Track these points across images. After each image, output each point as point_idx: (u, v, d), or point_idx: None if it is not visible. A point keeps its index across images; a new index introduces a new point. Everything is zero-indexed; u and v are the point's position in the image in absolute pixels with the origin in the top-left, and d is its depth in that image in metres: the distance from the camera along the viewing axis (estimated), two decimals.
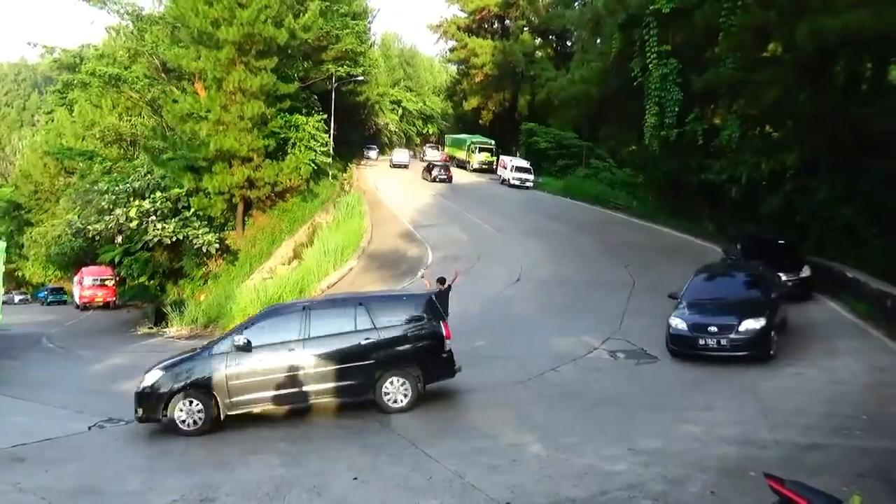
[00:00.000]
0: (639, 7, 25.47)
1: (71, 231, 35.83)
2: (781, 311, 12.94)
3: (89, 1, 40.18)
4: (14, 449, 9.71)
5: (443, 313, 11.38)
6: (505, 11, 63.52)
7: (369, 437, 9.72)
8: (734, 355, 11.88)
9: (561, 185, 43.29)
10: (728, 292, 13.41)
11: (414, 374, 10.53)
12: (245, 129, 31.69)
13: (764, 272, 13.99)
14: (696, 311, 12.72)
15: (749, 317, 11.90)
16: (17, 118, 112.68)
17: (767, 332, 11.86)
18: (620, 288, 18.95)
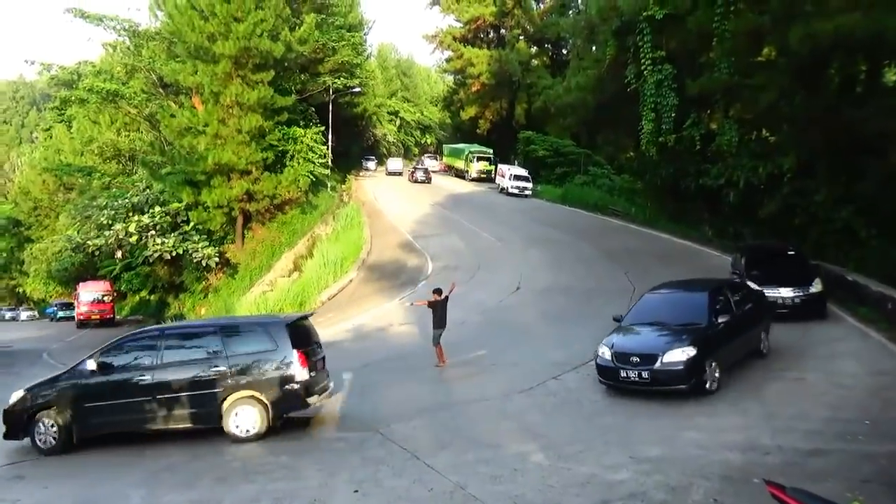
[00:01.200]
0: (632, 13, 25.66)
1: (71, 246, 35.89)
2: (743, 337, 11.66)
3: (86, 18, 40.46)
4: (12, 466, 9.67)
5: (293, 344, 10.43)
6: (500, 21, 63.82)
7: (370, 449, 9.67)
8: (655, 389, 10.54)
9: (559, 192, 43.34)
10: (670, 315, 11.56)
11: (262, 404, 10.27)
12: (243, 142, 31.79)
13: (723, 290, 12.07)
14: (626, 337, 11.43)
15: (675, 346, 10.44)
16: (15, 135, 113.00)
17: (696, 365, 10.29)
18: (621, 294, 18.89)
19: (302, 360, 10.32)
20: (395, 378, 14.05)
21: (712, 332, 10.92)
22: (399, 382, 13.65)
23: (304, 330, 11.22)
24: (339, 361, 16.16)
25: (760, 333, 12.39)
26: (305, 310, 23.25)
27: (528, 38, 64.73)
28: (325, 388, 11.07)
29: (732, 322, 11.33)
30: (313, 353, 10.98)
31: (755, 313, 12.42)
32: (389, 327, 19.46)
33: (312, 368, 10.61)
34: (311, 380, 10.45)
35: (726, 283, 12.98)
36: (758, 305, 12.75)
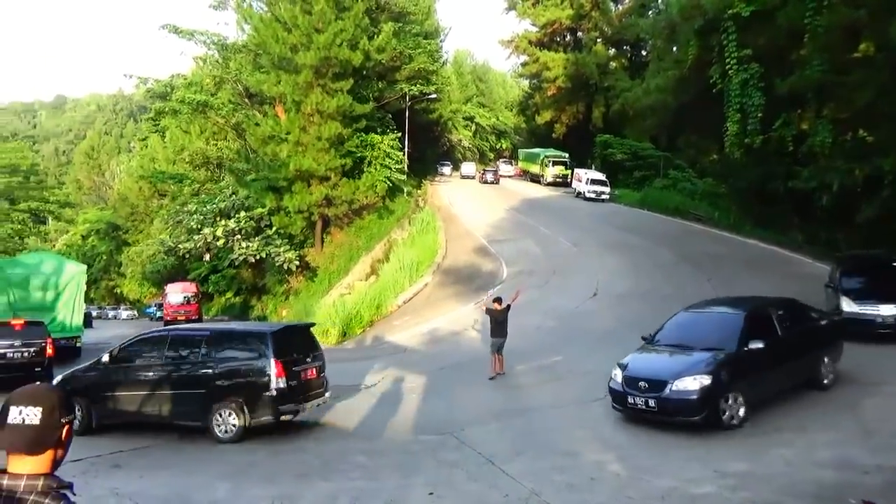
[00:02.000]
0: (716, 11, 24.77)
1: (163, 250, 37.87)
2: (790, 366, 10.39)
3: (179, 33, 42.69)
4: (112, 456, 10.26)
5: (272, 352, 10.60)
6: (577, 24, 63.01)
7: (445, 452, 9.73)
8: (665, 420, 9.67)
9: (638, 196, 42.32)
10: (699, 337, 10.55)
11: (241, 409, 10.66)
12: (323, 149, 32.70)
13: (766, 311, 10.78)
14: (641, 359, 10.64)
15: (688, 373, 9.48)
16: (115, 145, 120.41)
17: (712, 395, 9.28)
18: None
19: (279, 369, 10.53)
20: (470, 382, 14.07)
21: (739, 359, 9.73)
22: (474, 386, 13.66)
23: (295, 339, 11.60)
24: (415, 365, 16.39)
25: (820, 361, 10.90)
26: (382, 313, 23.71)
27: (606, 41, 63.63)
28: (314, 397, 11.32)
29: (773, 348, 9.99)
30: (301, 362, 11.14)
31: (811, 338, 11.02)
32: (464, 331, 19.52)
33: (294, 378, 10.78)
34: (288, 389, 10.64)
35: (775, 303, 11.34)
36: (818, 329, 11.33)
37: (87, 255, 65.41)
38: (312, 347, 11.85)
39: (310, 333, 12.40)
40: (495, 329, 14.41)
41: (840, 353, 11.41)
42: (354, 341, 21.67)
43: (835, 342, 11.40)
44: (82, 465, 9.40)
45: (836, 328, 11.78)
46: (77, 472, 9.06)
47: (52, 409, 2.29)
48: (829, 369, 11.08)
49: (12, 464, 2.25)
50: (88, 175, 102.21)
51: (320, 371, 11.66)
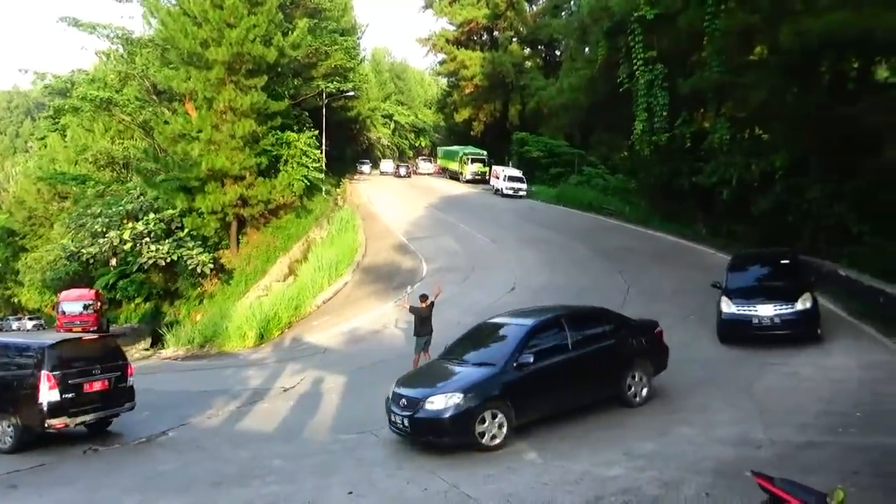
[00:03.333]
0: (623, 14, 25.76)
1: (65, 255, 35.78)
2: (581, 384, 9.78)
3: (80, 27, 40.46)
4: (8, 476, 9.64)
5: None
6: (493, 23, 63.95)
7: (365, 450, 9.70)
8: (418, 440, 9.43)
9: (554, 193, 43.40)
10: (477, 351, 10.21)
11: (14, 421, 10.91)
12: (237, 147, 31.77)
13: (556, 324, 10.05)
14: (417, 372, 11.16)
15: (440, 392, 9.05)
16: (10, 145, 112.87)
17: (462, 416, 8.73)
18: (615, 294, 18.93)
19: (51, 382, 10.60)
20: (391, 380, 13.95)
21: (504, 376, 9.14)
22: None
23: (80, 352, 11.60)
24: (334, 365, 16.20)
25: (626, 377, 10.14)
26: (301, 314, 23.29)
27: (521, 40, 64.87)
28: (99, 409, 11.37)
29: (555, 364, 9.48)
30: (85, 374, 11.16)
31: (615, 351, 10.17)
32: (384, 329, 19.46)
33: (71, 391, 10.83)
34: (61, 401, 10.66)
35: (576, 314, 10.64)
36: (626, 341, 10.39)
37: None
38: (107, 359, 11.68)
39: (109, 345, 12.40)
40: (420, 327, 14.40)
41: (659, 366, 10.71)
42: (272, 343, 21.17)
43: (652, 355, 10.62)
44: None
45: (653, 340, 10.82)
46: None
47: None
48: (642, 385, 10.28)
49: None
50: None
51: (115, 382, 11.54)
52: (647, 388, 10.39)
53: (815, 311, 13.02)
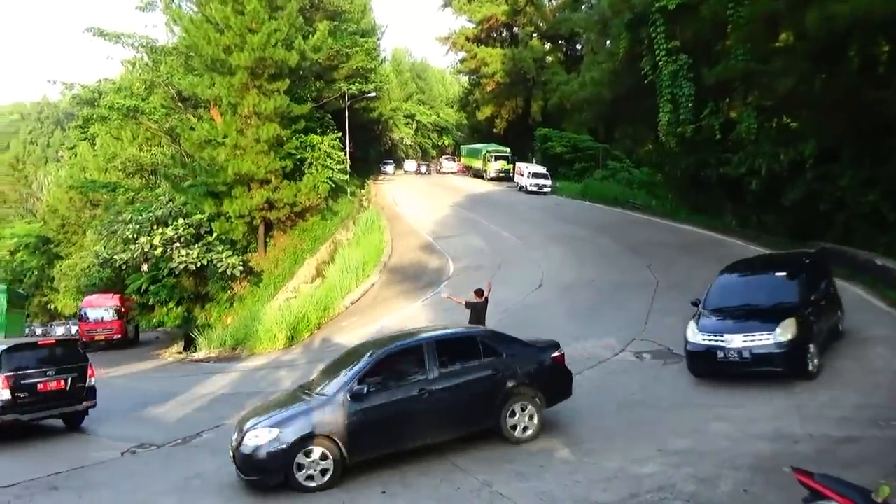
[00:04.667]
0: (644, 5, 25.45)
1: (98, 262, 36.43)
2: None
3: (105, 37, 41.19)
4: (49, 478, 9.85)
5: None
6: (512, 19, 63.72)
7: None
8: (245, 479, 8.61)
9: (579, 188, 43.13)
10: (332, 379, 9.11)
11: None
12: (262, 151, 32.11)
13: (417, 348, 9.13)
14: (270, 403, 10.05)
15: (259, 426, 8.40)
16: (42, 155, 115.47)
17: (281, 454, 8.08)
18: (644, 288, 18.77)
19: (3, 382, 11.62)
20: None
21: (332, 409, 8.35)
22: None
23: (36, 354, 12.58)
24: None
25: (504, 410, 9.04)
26: (330, 315, 23.47)
27: (542, 35, 64.55)
28: (52, 406, 12.27)
29: (404, 398, 8.67)
30: (39, 375, 12.16)
31: (493, 383, 9.09)
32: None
33: (24, 390, 11.84)
34: (13, 400, 11.69)
35: (437, 340, 9.27)
36: (511, 370, 9.22)
37: (16, 271, 62.45)
38: (64, 361, 12.68)
39: (67, 348, 13.27)
40: (476, 322, 14.05)
41: (556, 396, 9.59)
42: (302, 345, 21.38)
43: (545, 385, 9.43)
44: (16, 490, 9.02)
45: (548, 367, 9.53)
46: (11, 497, 8.69)
47: None
48: (528, 418, 9.15)
49: None
50: (14, 187, 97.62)
51: (73, 382, 12.57)
52: (536, 421, 9.17)
53: (800, 342, 10.18)
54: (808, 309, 10.81)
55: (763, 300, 11.19)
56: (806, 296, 11.08)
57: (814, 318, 10.83)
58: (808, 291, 11.25)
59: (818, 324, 10.91)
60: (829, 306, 11.95)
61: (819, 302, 11.40)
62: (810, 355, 10.37)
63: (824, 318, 11.36)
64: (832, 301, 12.21)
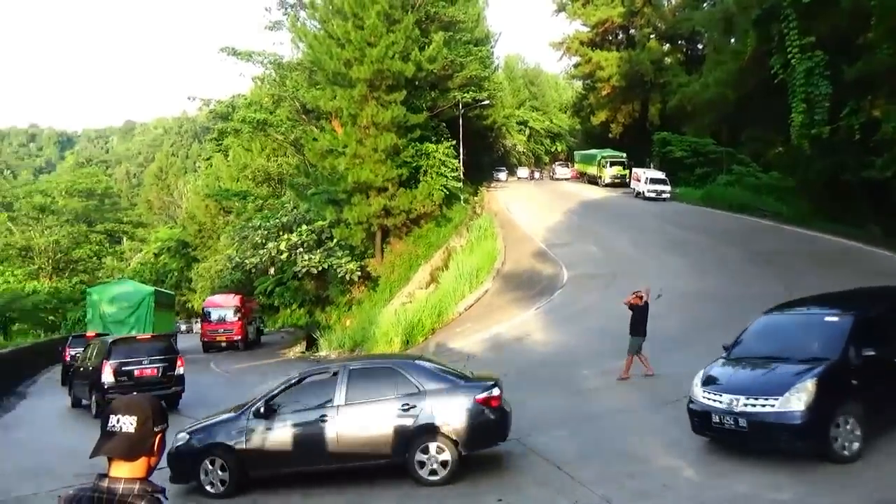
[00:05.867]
0: (775, 0, 24.01)
1: (231, 265, 39.04)
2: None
3: (238, 55, 44.12)
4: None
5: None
6: (629, 21, 62.10)
7: (512, 459, 9.74)
8: None
9: (700, 194, 41.26)
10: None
11: (91, 394, 15.73)
12: (379, 160, 33.18)
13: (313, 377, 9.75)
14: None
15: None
16: (182, 166, 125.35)
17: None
18: (773, 301, 17.59)
19: (110, 369, 15.05)
20: (535, 388, 14.01)
21: (239, 425, 9.11)
22: (538, 392, 13.60)
23: (136, 347, 16.29)
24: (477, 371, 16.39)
25: (413, 449, 8.72)
26: (444, 320, 23.86)
27: (660, 36, 62.43)
28: (146, 389, 14.22)
29: (306, 423, 8.95)
30: (137, 364, 15.56)
31: (403, 417, 8.72)
32: (527, 337, 19.44)
33: (124, 375, 15.17)
34: (116, 382, 14.86)
35: (356, 369, 9.39)
36: (426, 406, 8.75)
37: (159, 272, 68.20)
38: (157, 353, 16.11)
39: (161, 342, 17.17)
40: (638, 326, 13.74)
41: (474, 441, 8.84)
42: (418, 349, 21.87)
43: (466, 426, 8.73)
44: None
45: (471, 408, 8.80)
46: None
47: (146, 418, 2.47)
48: (441, 460, 8.67)
49: (112, 468, 2.45)
50: (158, 195, 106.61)
51: (164, 370, 15.84)
52: (451, 463, 8.65)
53: (822, 414, 7.75)
54: (852, 368, 8.14)
55: (796, 351, 8.71)
56: (855, 350, 8.20)
57: (859, 381, 8.10)
58: (864, 344, 8.24)
59: (867, 390, 8.04)
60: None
61: (882, 360, 8.35)
62: (841, 432, 7.78)
63: (885, 385, 8.27)
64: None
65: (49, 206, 64.87)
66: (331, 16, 34.13)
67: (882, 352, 8.31)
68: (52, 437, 14.01)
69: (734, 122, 42.04)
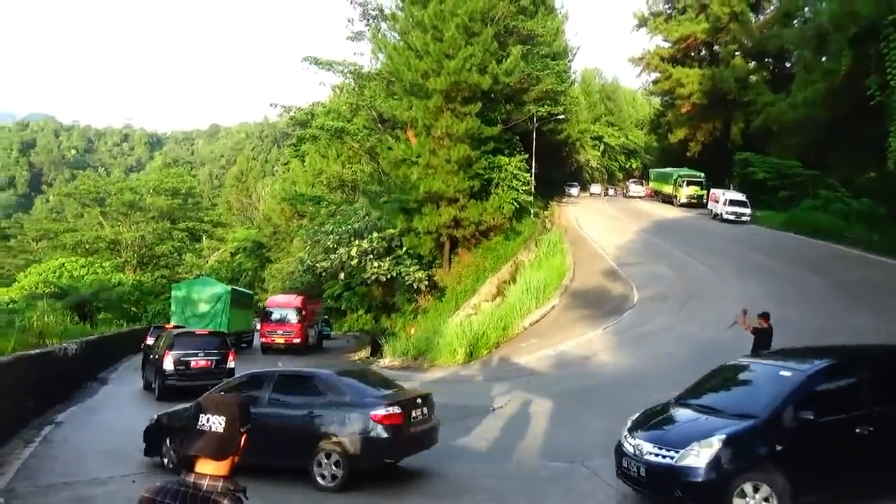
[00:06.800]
0: (874, 18, 22.85)
1: (302, 268, 40.09)
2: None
3: (319, 65, 45.44)
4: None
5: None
6: (713, 37, 60.40)
7: (575, 481, 9.56)
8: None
9: (783, 218, 39.50)
10: None
11: (154, 380, 18.02)
12: (452, 171, 33.39)
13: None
14: None
15: None
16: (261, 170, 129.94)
17: None
18: (861, 336, 16.65)
19: (170, 360, 17.16)
20: (599, 409, 13.70)
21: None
22: (603, 414, 13.26)
23: (192, 340, 18.35)
24: (542, 388, 16.19)
25: (313, 454, 9.26)
26: (509, 334, 23.67)
27: (745, 53, 60.39)
28: (200, 378, 16.46)
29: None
30: (193, 356, 17.58)
31: (305, 423, 9.46)
32: (593, 357, 19.05)
33: (182, 365, 17.21)
34: (175, 371, 17.08)
35: (282, 374, 10.70)
36: (327, 416, 9.35)
37: (234, 271, 70.71)
38: (212, 346, 18.17)
39: (215, 337, 19.25)
40: (758, 349, 13.18)
41: (366, 455, 9.03)
42: (480, 362, 21.79)
43: (357, 438, 9.02)
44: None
45: (364, 422, 9.07)
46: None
47: (234, 418, 2.54)
48: (332, 467, 9.09)
49: (198, 465, 2.52)
50: (237, 197, 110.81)
51: (216, 363, 17.66)
52: (341, 473, 9.05)
53: (722, 475, 7.12)
54: (781, 431, 7.34)
55: (736, 404, 8.09)
56: (792, 412, 7.38)
57: (786, 447, 7.22)
58: (808, 407, 7.36)
59: (798, 459, 7.23)
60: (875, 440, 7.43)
61: (829, 427, 7.45)
62: (748, 501, 7.04)
63: (829, 455, 7.39)
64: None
65: (137, 202, 68.37)
66: (411, 27, 34.67)
67: (831, 417, 7.46)
68: (127, 422, 14.69)
69: (823, 144, 40.19)
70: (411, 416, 9.43)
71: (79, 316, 35.73)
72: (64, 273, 53.23)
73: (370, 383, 10.29)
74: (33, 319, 19.71)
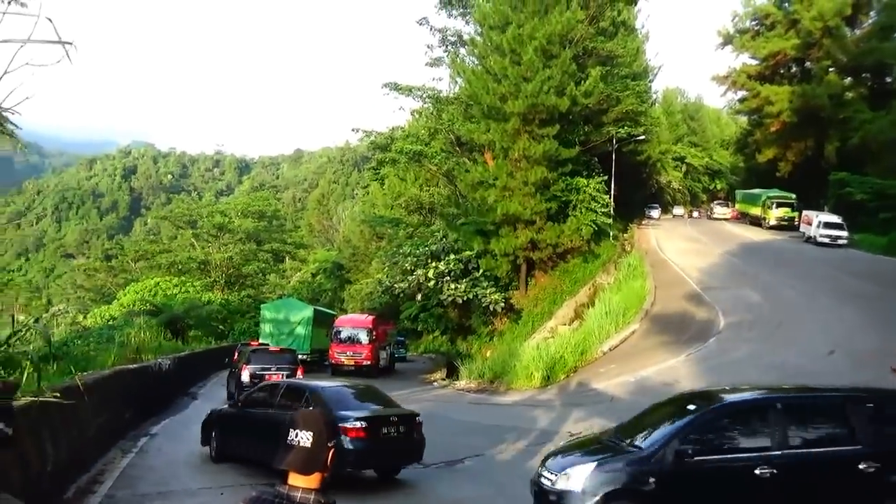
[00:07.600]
0: None
1: (381, 289, 40.81)
2: None
3: (399, 90, 46.53)
4: None
5: None
6: (804, 53, 57.96)
7: None
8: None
9: (884, 242, 37.11)
10: None
11: (232, 396, 19.43)
12: (529, 193, 33.31)
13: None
14: None
15: None
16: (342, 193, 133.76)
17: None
18: None
19: (247, 372, 19.23)
20: None
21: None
22: None
23: (266, 356, 20.47)
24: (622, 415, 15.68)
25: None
26: (587, 359, 23.20)
27: (840, 69, 57.53)
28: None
29: (252, 415, 12.06)
30: (266, 370, 19.32)
31: (279, 421, 9.45)
32: (675, 384, 18.32)
33: (257, 377, 18.58)
34: (250, 380, 18.28)
35: (289, 384, 13.59)
36: (288, 415, 8.68)
37: (315, 291, 72.71)
38: (284, 362, 20.11)
39: (286, 353, 21.51)
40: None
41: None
42: (558, 386, 21.43)
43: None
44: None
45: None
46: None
47: (320, 433, 2.62)
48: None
49: (290, 477, 2.62)
50: (319, 219, 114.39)
51: (287, 377, 18.12)
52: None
53: (580, 499, 7.35)
54: (652, 466, 7.33)
55: (644, 436, 7.97)
56: (677, 447, 7.36)
57: (660, 483, 7.21)
58: (692, 442, 7.46)
59: (670, 494, 7.30)
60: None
61: (717, 465, 7.45)
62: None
63: (711, 493, 7.41)
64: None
65: (226, 225, 71.56)
66: (489, 52, 35.05)
67: (718, 456, 7.57)
68: None
69: None
70: (380, 432, 10.39)
71: (171, 333, 37.54)
72: (158, 291, 56.13)
73: (361, 400, 11.50)
74: (131, 335, 20.83)
